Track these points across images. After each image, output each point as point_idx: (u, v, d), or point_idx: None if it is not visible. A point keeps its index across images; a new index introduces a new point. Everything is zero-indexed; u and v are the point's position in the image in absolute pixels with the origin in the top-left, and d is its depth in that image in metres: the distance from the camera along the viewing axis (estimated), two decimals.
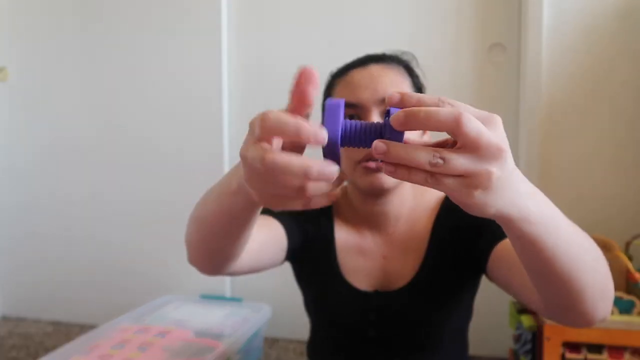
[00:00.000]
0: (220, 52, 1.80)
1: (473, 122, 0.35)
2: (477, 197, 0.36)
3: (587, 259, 0.47)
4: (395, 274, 0.79)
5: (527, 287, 0.58)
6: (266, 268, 0.77)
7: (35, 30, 2.01)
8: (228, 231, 0.55)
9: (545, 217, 0.42)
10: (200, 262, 0.63)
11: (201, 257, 0.62)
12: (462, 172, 0.35)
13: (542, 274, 0.47)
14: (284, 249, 0.78)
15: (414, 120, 0.35)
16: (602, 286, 0.49)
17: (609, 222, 1.49)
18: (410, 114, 0.35)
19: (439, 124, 0.35)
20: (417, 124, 0.35)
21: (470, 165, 0.35)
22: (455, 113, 0.35)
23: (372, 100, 0.73)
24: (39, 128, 2.04)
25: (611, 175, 1.49)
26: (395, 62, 0.79)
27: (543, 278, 0.48)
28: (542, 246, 0.43)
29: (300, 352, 1.76)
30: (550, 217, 0.43)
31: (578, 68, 1.50)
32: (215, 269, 0.63)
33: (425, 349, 0.80)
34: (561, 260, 0.44)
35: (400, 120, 0.36)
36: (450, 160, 0.35)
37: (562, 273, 0.45)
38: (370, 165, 0.71)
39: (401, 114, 0.36)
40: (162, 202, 1.90)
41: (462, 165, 0.35)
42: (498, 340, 1.65)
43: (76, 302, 2.04)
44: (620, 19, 1.46)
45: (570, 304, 0.49)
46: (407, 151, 0.35)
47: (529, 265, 0.48)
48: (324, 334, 0.88)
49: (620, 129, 1.48)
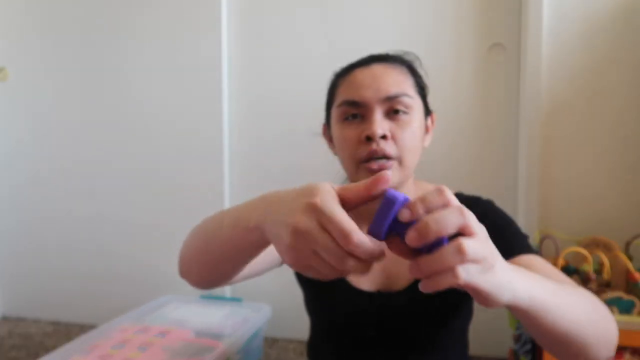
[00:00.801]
0: (220, 50, 1.80)
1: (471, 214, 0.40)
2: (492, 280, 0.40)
3: (585, 317, 0.50)
4: (397, 275, 0.79)
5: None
6: (262, 273, 0.78)
7: (35, 30, 2.01)
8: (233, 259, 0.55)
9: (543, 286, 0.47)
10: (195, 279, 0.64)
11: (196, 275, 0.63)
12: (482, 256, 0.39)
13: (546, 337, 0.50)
14: None
15: (428, 235, 0.38)
16: (603, 338, 0.52)
17: (609, 222, 1.49)
18: (423, 232, 0.38)
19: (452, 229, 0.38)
20: (434, 235, 0.38)
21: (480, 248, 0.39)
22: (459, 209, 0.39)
23: (375, 99, 0.73)
24: (39, 129, 2.04)
25: (611, 175, 1.49)
26: (398, 62, 0.79)
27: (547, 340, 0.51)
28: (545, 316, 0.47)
29: (300, 352, 1.76)
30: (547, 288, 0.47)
31: (578, 68, 1.50)
32: (208, 286, 0.64)
33: (426, 349, 0.80)
34: (563, 324, 0.48)
35: (415, 239, 0.38)
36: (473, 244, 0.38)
37: (564, 335, 0.49)
38: (372, 166, 0.72)
39: (415, 234, 0.38)
40: (162, 202, 1.90)
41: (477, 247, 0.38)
42: (498, 340, 1.65)
43: (76, 302, 2.04)
44: (620, 19, 1.46)
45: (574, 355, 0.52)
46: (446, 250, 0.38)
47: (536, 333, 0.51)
48: (324, 333, 0.88)
49: (621, 129, 1.48)
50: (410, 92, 0.75)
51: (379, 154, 0.71)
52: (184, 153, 1.86)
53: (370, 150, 0.71)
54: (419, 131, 0.76)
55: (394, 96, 0.73)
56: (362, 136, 0.72)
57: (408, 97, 0.74)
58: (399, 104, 0.73)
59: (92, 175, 1.99)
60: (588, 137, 1.50)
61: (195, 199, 1.83)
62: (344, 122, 0.76)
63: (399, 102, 0.73)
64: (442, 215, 0.38)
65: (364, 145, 0.72)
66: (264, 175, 1.80)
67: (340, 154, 0.78)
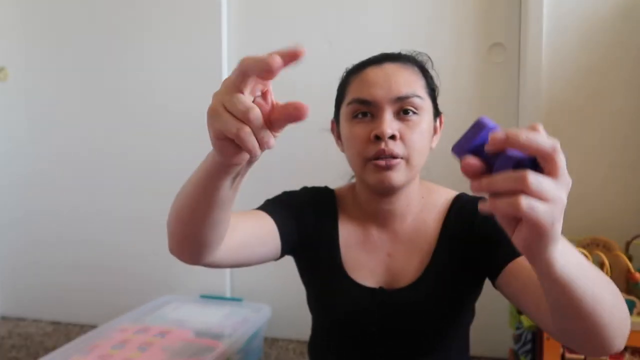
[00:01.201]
0: (220, 49, 1.80)
1: (561, 154, 0.39)
2: (557, 228, 0.40)
3: (609, 299, 0.49)
4: (400, 272, 0.79)
5: (539, 309, 0.58)
6: (255, 263, 0.76)
7: (35, 30, 2.01)
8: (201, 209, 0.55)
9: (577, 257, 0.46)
10: (178, 248, 0.63)
11: (178, 242, 0.62)
12: (552, 196, 0.38)
13: (568, 313, 0.49)
14: (276, 245, 0.78)
15: (514, 141, 0.38)
16: (621, 325, 0.51)
17: (609, 222, 1.49)
18: (511, 135, 0.38)
19: (538, 149, 0.38)
20: (518, 145, 0.38)
21: (556, 190, 0.38)
22: (554, 142, 0.38)
23: (386, 98, 0.73)
24: (38, 128, 2.04)
25: (611, 175, 1.49)
26: (410, 62, 0.79)
27: (568, 316, 0.49)
28: (573, 288, 0.45)
29: (300, 352, 1.76)
30: (579, 258, 0.46)
31: (578, 68, 1.50)
32: (193, 255, 0.62)
33: (427, 348, 0.80)
34: (587, 300, 0.46)
35: (500, 140, 0.38)
36: (545, 181, 0.38)
37: (587, 313, 0.47)
38: (380, 163, 0.72)
39: (501, 134, 0.38)
40: (163, 203, 1.90)
41: (552, 188, 0.38)
42: (498, 340, 1.65)
43: (76, 302, 2.04)
44: (620, 19, 1.46)
45: (589, 339, 0.51)
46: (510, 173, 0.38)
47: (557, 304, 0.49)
48: (326, 330, 0.88)
49: (621, 129, 1.48)
50: (421, 93, 0.76)
51: (387, 153, 0.71)
52: (184, 153, 1.86)
53: (378, 150, 0.72)
54: (428, 132, 0.77)
55: (404, 97, 0.73)
56: (372, 135, 0.73)
57: (418, 98, 0.74)
58: (409, 104, 0.74)
59: (92, 175, 1.99)
60: (588, 137, 1.50)
61: None
62: (354, 119, 0.76)
63: (409, 103, 0.74)
64: (534, 135, 0.38)
65: (372, 144, 0.73)
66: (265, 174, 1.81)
67: (348, 151, 0.79)
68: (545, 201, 0.38)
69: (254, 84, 0.43)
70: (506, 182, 0.38)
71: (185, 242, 0.61)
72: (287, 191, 0.87)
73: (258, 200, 0.84)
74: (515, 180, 0.37)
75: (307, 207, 0.84)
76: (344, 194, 0.88)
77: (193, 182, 0.55)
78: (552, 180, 0.38)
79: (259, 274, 1.80)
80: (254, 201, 0.83)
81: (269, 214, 0.78)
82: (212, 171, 0.50)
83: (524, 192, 0.37)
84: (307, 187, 0.90)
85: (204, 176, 0.52)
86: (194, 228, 0.58)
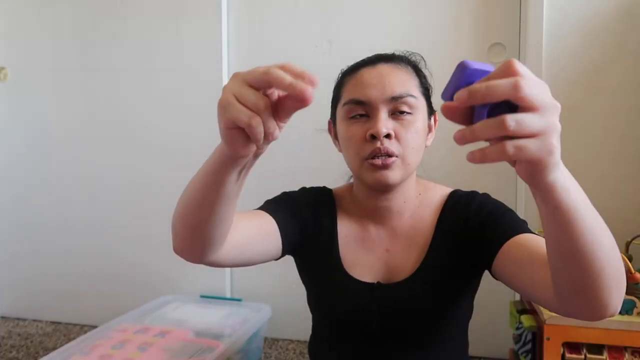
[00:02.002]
0: (220, 49, 1.80)
1: (530, 86, 0.38)
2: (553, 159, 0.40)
3: (607, 239, 0.49)
4: (398, 267, 0.81)
5: (536, 282, 0.59)
6: (257, 262, 0.77)
7: (36, 31, 2.01)
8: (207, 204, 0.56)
9: (578, 187, 0.46)
10: (183, 246, 0.63)
11: (183, 240, 0.62)
12: (538, 130, 0.38)
13: (568, 251, 0.48)
14: (277, 244, 0.79)
15: (477, 95, 0.38)
16: (617, 272, 0.50)
17: (609, 222, 1.47)
18: (472, 90, 0.38)
19: (501, 94, 0.37)
20: (481, 99, 0.38)
21: (541, 122, 0.38)
22: (512, 81, 0.37)
23: (380, 98, 0.74)
24: (38, 128, 2.04)
25: (611, 175, 1.49)
26: (403, 62, 0.80)
27: (567, 255, 0.49)
28: (574, 218, 0.45)
29: (300, 352, 1.76)
30: (580, 190, 0.46)
31: (578, 68, 1.50)
32: (197, 253, 0.63)
33: (426, 343, 0.81)
34: (587, 235, 0.46)
35: (464, 98, 0.38)
36: (524, 119, 0.37)
37: (585, 249, 0.47)
38: (376, 162, 0.73)
39: (465, 92, 0.38)
40: (163, 202, 1.90)
41: (536, 122, 0.38)
42: (498, 340, 1.65)
43: (76, 302, 2.04)
44: (620, 19, 1.46)
45: (587, 288, 0.50)
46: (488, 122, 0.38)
47: (557, 240, 0.49)
48: (326, 328, 0.89)
49: (620, 129, 1.48)
50: (415, 93, 0.77)
51: (382, 152, 0.73)
52: (184, 153, 1.86)
53: (374, 149, 0.73)
54: (422, 131, 0.78)
55: (398, 96, 0.75)
56: (367, 134, 0.74)
57: (412, 98, 0.76)
58: (404, 104, 0.75)
59: (93, 176, 1.99)
60: (588, 137, 1.50)
61: None
62: (350, 120, 0.78)
63: (403, 103, 0.75)
64: (496, 82, 0.38)
65: (368, 144, 0.74)
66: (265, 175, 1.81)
67: (345, 151, 0.80)
68: (532, 137, 0.38)
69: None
70: (487, 130, 0.38)
71: (190, 240, 0.62)
72: (286, 192, 0.89)
73: (258, 200, 0.84)
74: (494, 127, 0.37)
75: (307, 207, 0.85)
76: (342, 193, 0.89)
77: (199, 178, 0.57)
78: (532, 114, 0.38)
79: (259, 274, 1.80)
80: (253, 201, 0.84)
81: (269, 213, 0.79)
82: (219, 165, 0.52)
83: (507, 136, 0.38)
84: (305, 188, 0.91)
85: (211, 170, 0.54)
86: (200, 224, 0.59)
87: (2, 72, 2.05)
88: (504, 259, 0.69)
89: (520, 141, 0.38)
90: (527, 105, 0.38)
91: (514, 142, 0.38)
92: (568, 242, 0.47)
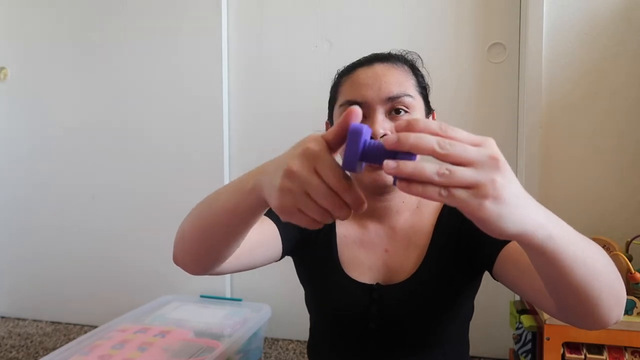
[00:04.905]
0: (220, 49, 1.80)
1: (454, 145, 0.38)
2: (490, 209, 0.38)
3: (601, 267, 0.48)
4: (397, 268, 0.80)
5: (537, 290, 0.59)
6: (257, 266, 0.78)
7: (36, 30, 2.01)
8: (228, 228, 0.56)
9: (563, 231, 0.44)
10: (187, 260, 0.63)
11: (192, 255, 0.62)
12: (469, 182, 0.38)
13: (561, 286, 0.49)
14: (278, 248, 0.79)
15: (404, 144, 0.38)
16: (616, 292, 0.50)
17: (609, 222, 1.49)
18: (401, 138, 0.38)
19: (424, 150, 0.38)
20: (407, 148, 0.38)
21: (474, 175, 0.38)
22: (437, 140, 0.38)
23: (377, 99, 0.74)
24: (38, 128, 2.04)
25: (611, 175, 1.49)
26: (400, 62, 0.80)
27: (562, 289, 0.49)
28: (562, 260, 0.45)
29: (300, 352, 1.76)
30: (566, 231, 0.45)
31: (578, 68, 1.50)
32: (204, 268, 0.63)
33: (425, 344, 0.80)
34: (579, 271, 0.46)
35: (392, 142, 0.39)
36: (456, 170, 0.37)
37: (579, 283, 0.47)
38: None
39: (394, 137, 0.39)
40: (162, 202, 1.90)
41: (468, 175, 0.37)
42: (498, 340, 1.65)
43: (76, 302, 2.04)
44: (620, 19, 1.46)
45: (587, 311, 0.50)
46: (415, 166, 0.38)
47: (549, 278, 0.49)
48: (325, 328, 0.88)
49: (620, 129, 1.48)
50: (412, 92, 0.76)
51: None
52: (184, 154, 1.86)
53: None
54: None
55: (395, 96, 0.74)
56: None
57: (409, 97, 0.75)
58: (401, 104, 0.75)
59: (93, 176, 1.99)
60: (588, 137, 1.50)
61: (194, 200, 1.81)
62: None
63: (400, 102, 0.75)
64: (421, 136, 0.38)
65: None
66: None
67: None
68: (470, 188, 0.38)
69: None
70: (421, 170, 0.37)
71: (199, 256, 0.62)
72: None
73: None
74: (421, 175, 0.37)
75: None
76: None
77: (226, 207, 0.55)
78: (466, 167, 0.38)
79: (259, 274, 1.80)
80: None
81: (269, 216, 0.79)
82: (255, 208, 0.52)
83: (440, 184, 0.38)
84: None
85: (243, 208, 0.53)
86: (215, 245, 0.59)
87: (2, 72, 2.05)
88: (504, 262, 0.69)
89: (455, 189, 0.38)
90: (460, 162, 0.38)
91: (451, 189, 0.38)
92: (561, 280, 0.47)
